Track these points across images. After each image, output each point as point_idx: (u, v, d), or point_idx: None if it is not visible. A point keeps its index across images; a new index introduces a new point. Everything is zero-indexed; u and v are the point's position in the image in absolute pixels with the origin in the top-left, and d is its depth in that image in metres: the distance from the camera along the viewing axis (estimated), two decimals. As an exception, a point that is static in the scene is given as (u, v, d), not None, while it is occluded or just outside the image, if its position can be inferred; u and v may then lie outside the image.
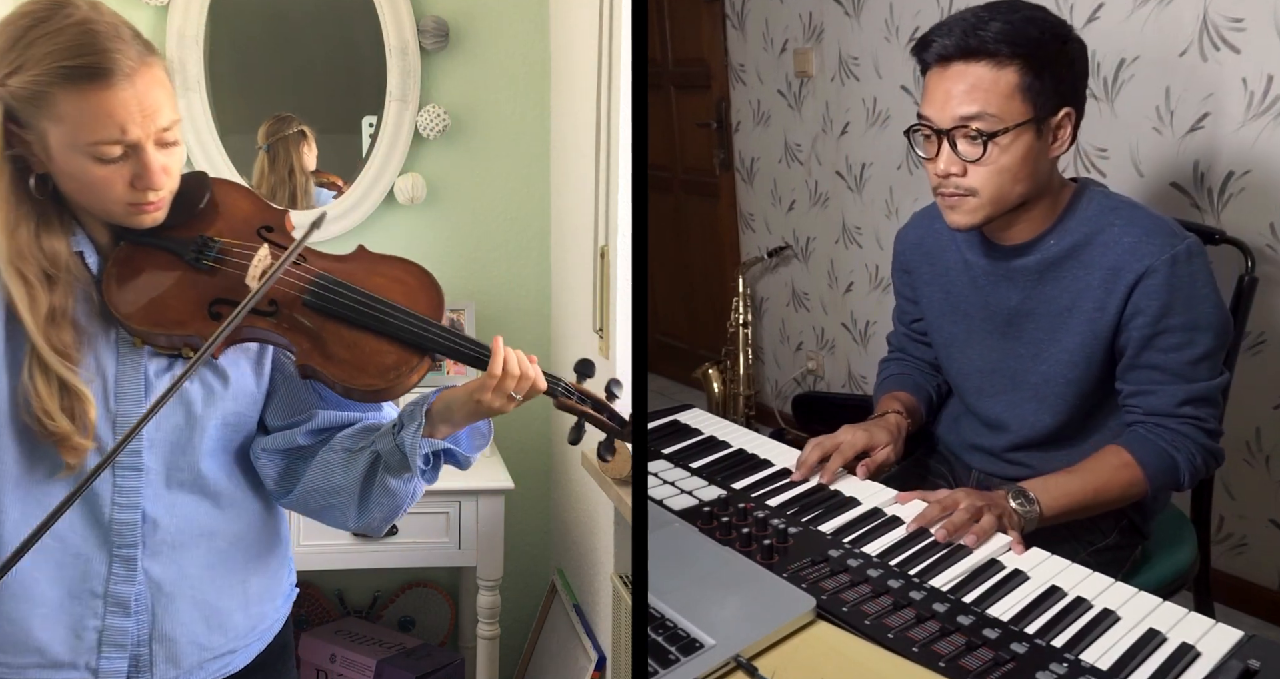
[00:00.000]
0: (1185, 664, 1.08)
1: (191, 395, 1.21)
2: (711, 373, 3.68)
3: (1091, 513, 1.52)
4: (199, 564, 1.25)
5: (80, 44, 1.08)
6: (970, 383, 1.70)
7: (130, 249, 1.20)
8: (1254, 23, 2.16)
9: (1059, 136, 1.48)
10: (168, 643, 1.23)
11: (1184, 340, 1.50)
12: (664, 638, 1.12)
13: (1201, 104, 2.28)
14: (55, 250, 1.15)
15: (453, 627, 2.71)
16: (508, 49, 2.57)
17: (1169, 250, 1.47)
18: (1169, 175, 2.38)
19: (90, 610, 1.19)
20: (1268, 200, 2.22)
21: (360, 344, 1.20)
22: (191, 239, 1.21)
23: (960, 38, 1.44)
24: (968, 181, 1.48)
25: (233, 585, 1.28)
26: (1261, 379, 2.30)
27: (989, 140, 1.44)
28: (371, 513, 1.27)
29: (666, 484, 1.55)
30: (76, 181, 1.13)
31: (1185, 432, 1.52)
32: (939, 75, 1.47)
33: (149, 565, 1.21)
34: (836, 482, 1.55)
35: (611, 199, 2.05)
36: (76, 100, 1.08)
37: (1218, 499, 2.09)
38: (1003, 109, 1.43)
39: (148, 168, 1.12)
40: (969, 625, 1.16)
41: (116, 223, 1.18)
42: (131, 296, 1.17)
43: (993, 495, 1.43)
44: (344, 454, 1.26)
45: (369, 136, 2.53)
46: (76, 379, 1.14)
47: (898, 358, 1.90)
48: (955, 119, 1.45)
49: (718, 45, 3.89)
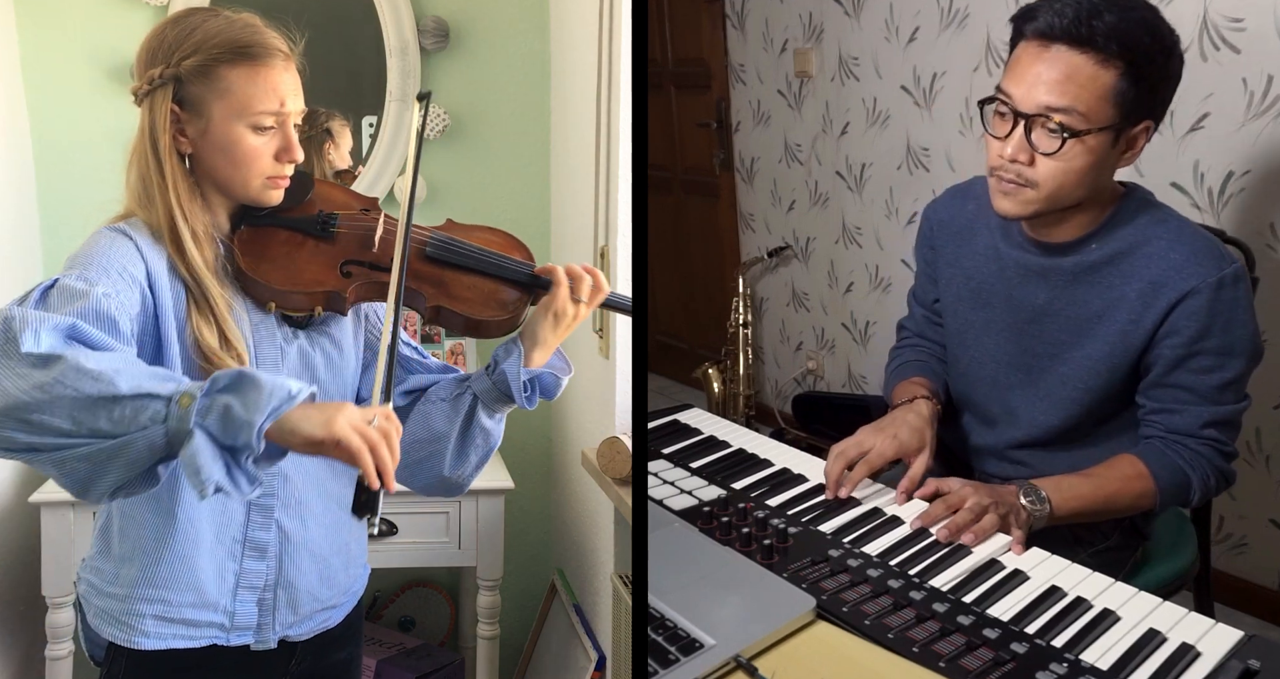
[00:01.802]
0: (1185, 664, 1.08)
1: (316, 362, 1.35)
2: (711, 373, 3.68)
3: (1099, 518, 1.52)
4: (318, 521, 1.37)
5: (248, 33, 1.27)
6: (985, 372, 1.66)
7: (252, 231, 1.33)
8: (1254, 23, 2.16)
9: (1134, 147, 1.44)
10: (290, 589, 1.35)
11: (1216, 364, 1.47)
12: (664, 638, 1.13)
13: (1201, 104, 2.28)
14: (208, 221, 1.30)
15: (453, 627, 2.72)
16: (508, 49, 2.57)
17: (1215, 273, 1.43)
18: (1169, 175, 2.38)
19: (230, 554, 1.32)
20: (1268, 200, 2.22)
21: (478, 285, 1.38)
22: (313, 215, 1.36)
23: (1073, 21, 1.35)
24: (1031, 172, 1.42)
25: (340, 545, 1.41)
26: (1262, 379, 2.29)
27: (1070, 137, 1.38)
28: (468, 457, 1.39)
29: (666, 484, 1.55)
30: (228, 155, 1.27)
31: (1204, 453, 1.50)
32: (1035, 53, 1.39)
33: (280, 516, 1.34)
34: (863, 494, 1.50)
35: (611, 199, 2.05)
36: (244, 74, 1.25)
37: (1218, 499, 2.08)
38: (1092, 109, 1.37)
39: (290, 142, 1.28)
40: (969, 625, 1.16)
41: (248, 199, 1.31)
42: (266, 264, 1.30)
43: (1002, 492, 1.42)
44: (442, 404, 1.39)
45: (369, 136, 2.53)
46: (234, 327, 1.26)
47: (912, 344, 1.84)
48: (1040, 107, 1.38)
49: (718, 45, 3.89)
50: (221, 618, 1.32)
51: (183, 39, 1.25)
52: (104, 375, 1.01)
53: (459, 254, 1.38)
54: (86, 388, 1.00)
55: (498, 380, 1.36)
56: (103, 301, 1.12)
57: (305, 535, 1.36)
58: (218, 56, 1.24)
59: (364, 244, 1.35)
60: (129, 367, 1.04)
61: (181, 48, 1.25)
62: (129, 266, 1.21)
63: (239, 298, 1.30)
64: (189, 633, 1.31)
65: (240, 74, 1.25)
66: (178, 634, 1.31)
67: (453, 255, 1.37)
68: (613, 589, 2.02)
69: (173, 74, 1.24)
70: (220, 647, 1.33)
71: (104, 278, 1.16)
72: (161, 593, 1.29)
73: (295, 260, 1.32)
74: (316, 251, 1.34)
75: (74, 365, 1.01)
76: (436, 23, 2.49)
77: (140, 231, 1.25)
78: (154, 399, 1.02)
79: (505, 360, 1.36)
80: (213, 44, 1.25)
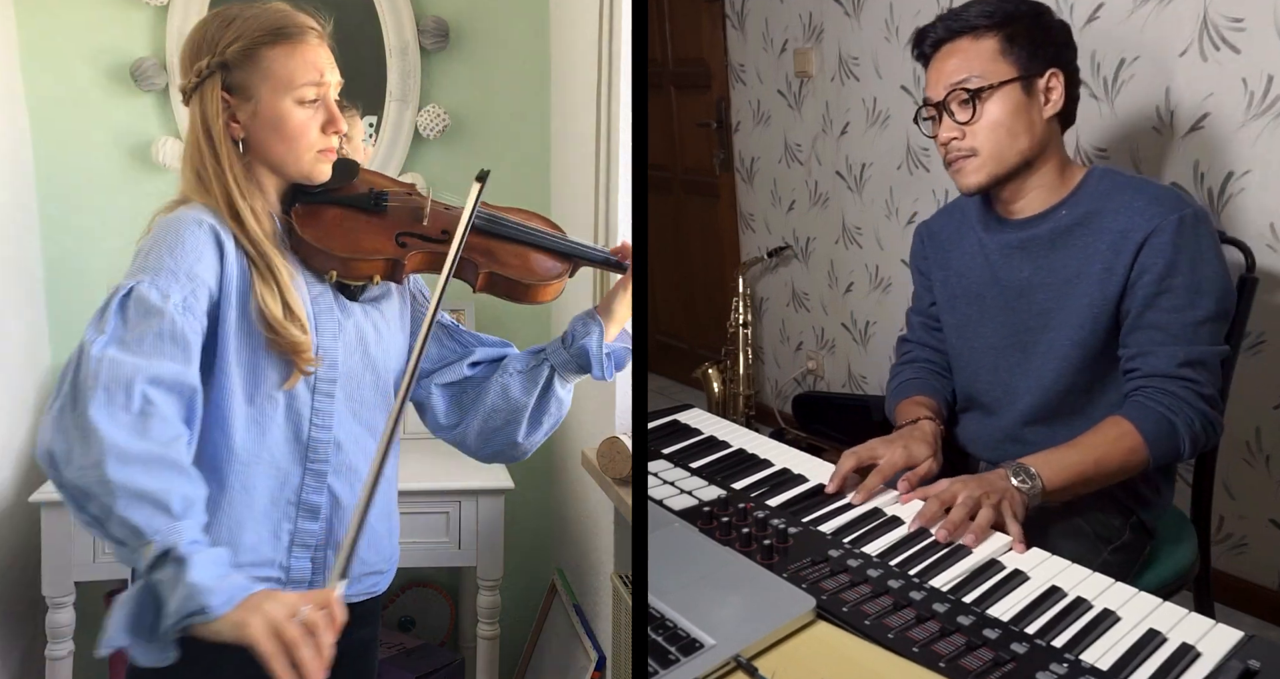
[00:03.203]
0: (1185, 664, 1.08)
1: (367, 335, 1.41)
2: (711, 373, 3.68)
3: (1094, 487, 1.53)
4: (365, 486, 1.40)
5: (281, 16, 1.36)
6: (984, 360, 1.73)
7: (306, 207, 1.39)
8: (1254, 23, 2.16)
9: (1050, 97, 1.59)
10: (337, 550, 1.37)
11: (1186, 302, 1.53)
12: (664, 638, 1.12)
13: (1201, 104, 2.28)
14: (263, 200, 1.37)
15: (453, 627, 2.72)
16: (508, 49, 2.57)
17: (1176, 212, 1.53)
18: (1169, 175, 2.38)
19: (285, 515, 1.37)
20: (1268, 200, 2.22)
21: (524, 254, 1.48)
22: (365, 192, 1.44)
23: (946, 23, 1.61)
24: (967, 142, 1.60)
25: (386, 515, 1.49)
26: (1261, 379, 2.30)
27: (976, 98, 1.57)
28: (541, 424, 1.49)
29: (666, 484, 1.55)
30: (279, 131, 1.34)
31: (1182, 395, 1.53)
32: (933, 63, 1.63)
33: (332, 481, 1.39)
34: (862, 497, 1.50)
35: (611, 199, 2.05)
36: (284, 52, 1.34)
37: (1218, 499, 2.09)
38: (986, 69, 1.57)
39: (333, 113, 1.36)
40: (969, 625, 1.16)
41: (301, 174, 1.37)
42: (324, 233, 1.37)
43: (991, 480, 1.43)
44: (519, 375, 1.48)
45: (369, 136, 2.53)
46: (296, 297, 1.32)
47: (911, 361, 1.89)
48: (947, 88, 1.59)
49: (718, 45, 3.89)
50: (278, 573, 1.37)
51: (224, 29, 1.34)
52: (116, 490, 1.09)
53: (504, 226, 1.47)
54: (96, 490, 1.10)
55: (576, 354, 1.45)
56: (178, 319, 1.20)
57: (354, 500, 1.40)
58: (258, 40, 1.33)
59: (415, 217, 1.43)
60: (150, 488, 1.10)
61: (224, 37, 1.34)
62: (200, 263, 1.26)
63: (299, 269, 1.37)
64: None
65: (280, 53, 1.33)
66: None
67: (499, 227, 1.47)
68: (613, 589, 2.02)
69: (219, 61, 1.33)
70: None
71: (174, 284, 1.23)
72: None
73: (353, 231, 1.39)
74: (371, 224, 1.41)
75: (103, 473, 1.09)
76: (436, 23, 2.49)
77: (207, 212, 1.31)
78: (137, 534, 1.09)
79: (586, 337, 1.45)
80: (252, 29, 1.33)
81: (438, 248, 1.41)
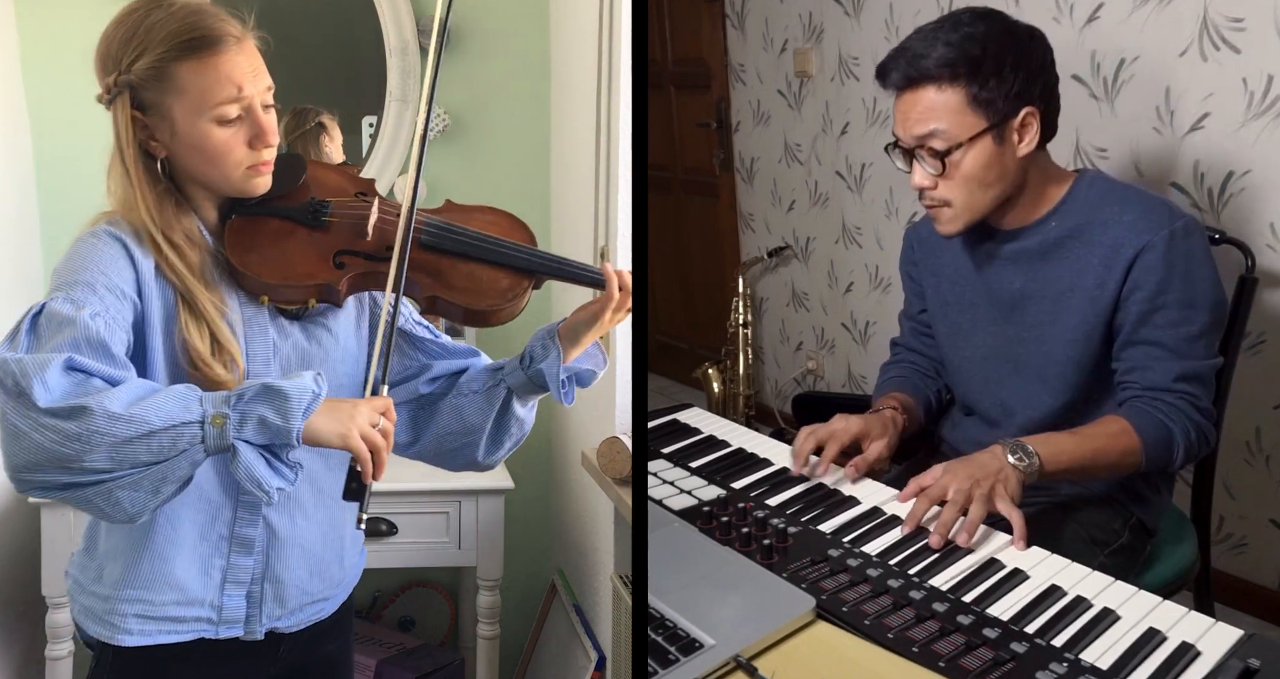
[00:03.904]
0: (1185, 664, 1.08)
1: (309, 354, 1.33)
2: (711, 373, 3.68)
3: (1087, 476, 1.55)
4: (309, 517, 1.37)
5: (192, 22, 1.22)
6: (976, 370, 1.72)
7: (243, 221, 1.30)
8: (1254, 23, 2.16)
9: (1024, 136, 1.53)
10: (277, 584, 1.34)
11: (1180, 317, 1.52)
12: (664, 638, 1.13)
13: (1201, 104, 2.28)
14: (189, 225, 1.27)
15: (453, 627, 2.72)
16: (508, 49, 2.57)
17: (1167, 226, 1.51)
18: (1169, 175, 2.38)
19: (217, 550, 1.31)
20: (1268, 200, 2.22)
21: (476, 273, 1.34)
22: (304, 203, 1.32)
23: (906, 68, 1.51)
24: (940, 193, 1.55)
25: (334, 540, 1.41)
26: (1261, 379, 2.30)
27: (944, 156, 1.51)
28: (502, 444, 1.43)
29: (666, 484, 1.55)
30: (200, 151, 1.24)
31: (1179, 406, 1.53)
32: (898, 100, 1.55)
33: (267, 512, 1.33)
34: (832, 479, 1.55)
35: (611, 199, 2.05)
36: (196, 69, 1.21)
37: (1218, 499, 2.09)
38: (954, 124, 1.50)
39: (261, 126, 1.24)
40: (969, 625, 1.16)
41: (233, 191, 1.28)
42: (257, 257, 1.27)
43: (981, 463, 1.42)
44: (474, 396, 1.40)
45: (369, 136, 2.53)
46: (226, 332, 1.25)
47: (899, 361, 1.90)
48: (915, 138, 1.53)
49: (718, 45, 3.89)
50: (209, 612, 1.31)
51: (128, 41, 1.22)
52: (135, 416, 1.06)
53: (456, 241, 1.34)
54: (121, 431, 1.05)
55: (534, 376, 1.37)
56: (91, 326, 1.12)
57: (294, 532, 1.35)
58: (164, 55, 1.20)
59: (357, 232, 1.32)
60: (153, 398, 1.08)
61: (128, 51, 1.22)
62: (116, 276, 1.19)
63: (231, 292, 1.29)
64: (174, 628, 1.31)
65: (190, 68, 1.21)
66: (162, 630, 1.30)
67: (449, 243, 1.34)
68: (613, 589, 2.02)
69: (126, 80, 1.22)
70: (209, 640, 1.32)
71: (90, 296, 1.15)
72: (143, 593, 1.29)
73: (287, 251, 1.29)
74: (309, 241, 1.31)
75: (103, 412, 1.04)
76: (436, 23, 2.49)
77: (127, 231, 1.23)
78: (188, 425, 1.08)
79: (543, 359, 1.36)
80: (157, 42, 1.21)
81: (380, 266, 1.29)
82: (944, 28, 1.50)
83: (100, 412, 1.04)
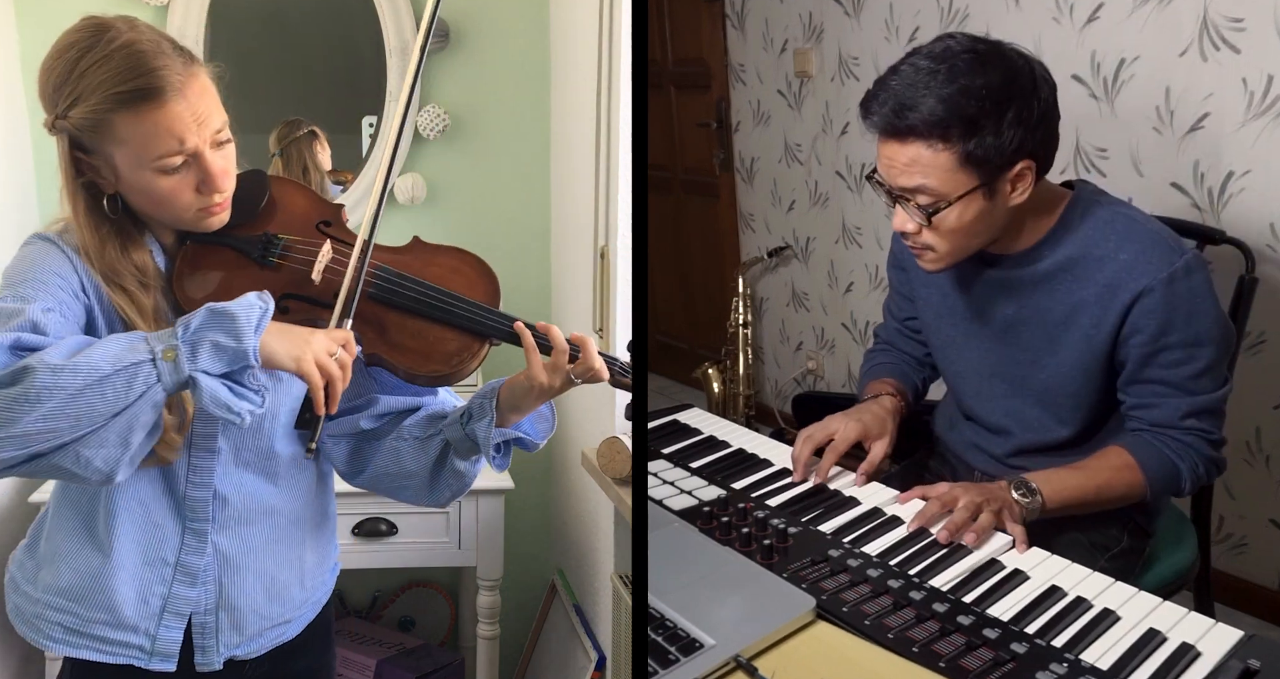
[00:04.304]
0: (1185, 664, 1.08)
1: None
2: (711, 373, 3.68)
3: (1091, 510, 1.52)
4: (262, 539, 1.33)
5: (129, 67, 1.13)
6: (969, 385, 1.69)
7: (196, 248, 1.25)
8: (1254, 23, 2.16)
9: (1017, 186, 1.42)
10: (233, 611, 1.31)
11: (1185, 357, 1.47)
12: (664, 638, 1.12)
13: (1201, 104, 2.28)
14: (143, 261, 1.21)
15: (453, 627, 2.71)
16: (508, 49, 2.57)
17: (1166, 269, 1.43)
18: (1169, 175, 2.38)
19: (159, 577, 1.27)
20: (1268, 200, 2.22)
21: (423, 332, 1.26)
22: (257, 236, 1.26)
23: (890, 117, 1.37)
24: (923, 239, 1.46)
25: (291, 560, 1.36)
26: (1261, 379, 2.30)
27: (933, 213, 1.41)
28: (442, 493, 1.36)
29: (666, 484, 1.55)
30: (146, 196, 1.19)
31: (1189, 442, 1.51)
32: (882, 143, 1.42)
33: (218, 539, 1.29)
34: (834, 481, 1.55)
35: (611, 199, 2.05)
36: (135, 122, 1.13)
37: (1218, 499, 2.09)
38: (945, 182, 1.38)
39: (209, 172, 1.18)
40: (969, 625, 1.15)
41: (188, 228, 1.24)
42: (202, 294, 1.22)
43: (991, 488, 1.43)
44: (413, 442, 1.34)
45: (369, 136, 2.53)
46: None
47: (884, 349, 1.89)
48: (899, 188, 1.42)
49: (718, 45, 3.89)
50: (141, 640, 1.27)
51: (63, 83, 1.14)
52: (80, 365, 1.02)
53: (405, 296, 1.26)
54: (69, 382, 1.02)
55: (470, 434, 1.29)
56: (41, 316, 1.09)
57: (247, 556, 1.31)
58: (98, 106, 1.13)
59: (305, 275, 1.24)
60: (96, 346, 1.05)
61: (64, 95, 1.14)
62: (67, 278, 1.16)
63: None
64: (100, 648, 1.27)
65: (128, 120, 1.13)
66: (88, 646, 1.27)
67: (398, 297, 1.26)
68: (613, 589, 2.02)
69: (64, 127, 1.15)
70: (139, 669, 1.28)
71: (41, 293, 1.12)
72: (73, 605, 1.26)
73: (232, 290, 1.19)
74: (257, 279, 1.24)
75: (45, 367, 1.01)
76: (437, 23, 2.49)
77: (71, 243, 1.19)
78: (139, 366, 1.05)
79: (478, 421, 1.27)
80: (91, 90, 1.13)
81: (325, 313, 1.22)
82: (937, 77, 1.35)
83: (42, 367, 1.01)
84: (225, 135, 1.20)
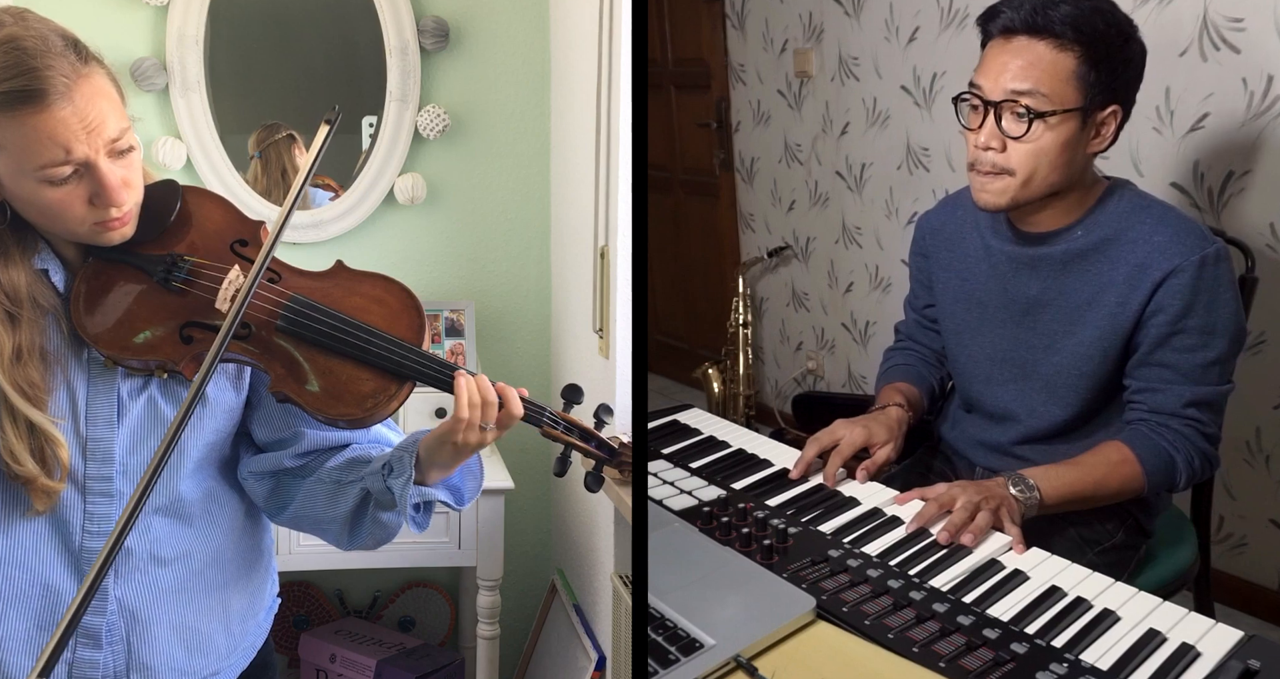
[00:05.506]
0: (1185, 664, 1.08)
1: (164, 413, 1.17)
2: (711, 373, 3.68)
3: (1089, 505, 1.53)
4: (174, 587, 1.21)
5: (7, 66, 1.02)
6: (979, 370, 1.70)
7: (99, 265, 1.15)
8: (1254, 23, 2.16)
9: (1102, 132, 1.50)
10: (146, 672, 1.20)
11: (1199, 343, 1.50)
12: (664, 638, 1.12)
13: (1201, 104, 2.28)
14: (15, 284, 1.10)
15: (453, 627, 2.71)
16: (508, 49, 2.57)
17: (1199, 252, 1.47)
18: (1169, 175, 2.38)
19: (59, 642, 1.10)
20: (1268, 200, 2.22)
21: (336, 371, 1.15)
22: (161, 256, 1.15)
23: (1029, 13, 1.43)
24: (1004, 159, 1.48)
25: (212, 607, 1.25)
26: (1261, 379, 2.30)
27: (1035, 118, 1.44)
28: (363, 540, 1.26)
29: (666, 484, 1.55)
30: (33, 207, 1.08)
31: (1185, 433, 1.52)
32: (1000, 47, 1.47)
33: (122, 593, 1.18)
34: (838, 484, 1.55)
35: (611, 199, 2.05)
36: (14, 126, 1.02)
37: (1218, 499, 2.09)
38: (1055, 90, 1.44)
39: (104, 184, 1.06)
40: (969, 625, 1.16)
41: (88, 242, 1.13)
42: (100, 318, 1.12)
43: (989, 486, 1.43)
44: (331, 486, 1.23)
45: (369, 136, 2.53)
46: (46, 421, 1.10)
47: (903, 347, 1.90)
48: (1006, 92, 1.45)
49: (718, 45, 3.89)
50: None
51: None
52: None
53: (317, 330, 1.15)
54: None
55: (391, 488, 1.19)
56: None
57: (156, 609, 1.19)
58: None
59: (210, 303, 1.14)
60: None
61: None
62: None
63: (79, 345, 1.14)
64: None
65: (6, 125, 1.02)
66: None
67: (307, 331, 1.15)
68: (613, 589, 2.02)
69: None
70: None
71: None
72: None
73: (132, 314, 1.12)
74: (159, 305, 1.14)
75: None
76: (436, 23, 2.49)
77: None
78: None
79: (395, 476, 1.17)
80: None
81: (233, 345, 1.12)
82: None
83: None
84: (126, 142, 1.08)
